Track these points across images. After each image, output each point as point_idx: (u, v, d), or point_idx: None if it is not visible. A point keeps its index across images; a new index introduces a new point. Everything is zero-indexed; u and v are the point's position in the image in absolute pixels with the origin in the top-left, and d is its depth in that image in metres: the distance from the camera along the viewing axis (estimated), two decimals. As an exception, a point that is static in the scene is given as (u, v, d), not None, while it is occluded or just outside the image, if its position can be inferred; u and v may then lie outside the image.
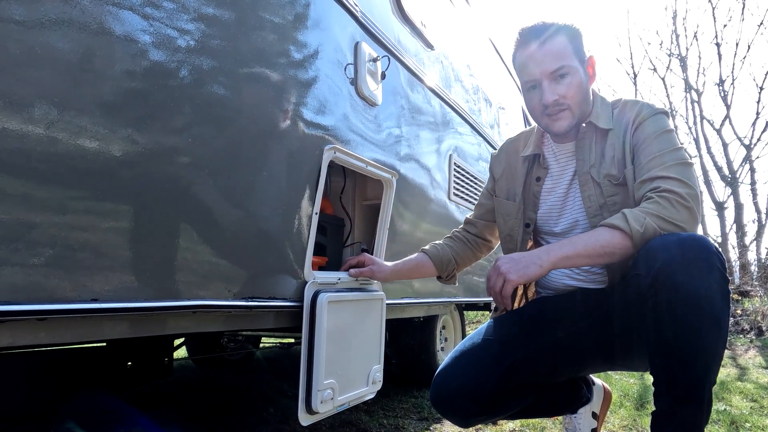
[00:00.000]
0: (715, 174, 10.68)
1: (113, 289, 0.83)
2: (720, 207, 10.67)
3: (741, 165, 10.36)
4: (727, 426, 2.10)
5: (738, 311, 5.90)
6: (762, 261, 9.04)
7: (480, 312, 6.13)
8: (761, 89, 10.23)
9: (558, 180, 1.30)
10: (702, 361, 0.96)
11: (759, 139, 10.17)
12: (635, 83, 12.12)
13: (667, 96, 11.78)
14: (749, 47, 13.46)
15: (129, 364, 1.49)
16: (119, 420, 1.85)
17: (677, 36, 11.30)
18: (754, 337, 5.22)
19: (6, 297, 0.69)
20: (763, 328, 5.42)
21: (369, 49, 1.53)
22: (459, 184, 2.36)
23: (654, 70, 13.49)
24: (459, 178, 2.36)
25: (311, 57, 1.29)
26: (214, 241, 1.03)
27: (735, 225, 10.38)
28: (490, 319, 1.38)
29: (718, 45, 10.58)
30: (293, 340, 3.14)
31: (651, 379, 1.03)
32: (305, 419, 1.27)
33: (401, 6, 1.80)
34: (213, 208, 1.02)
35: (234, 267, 1.09)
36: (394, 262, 1.49)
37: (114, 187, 0.83)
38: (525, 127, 1.89)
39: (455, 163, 2.30)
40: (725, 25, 14.24)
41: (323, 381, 1.27)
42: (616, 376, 3.13)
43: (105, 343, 1.47)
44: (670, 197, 1.05)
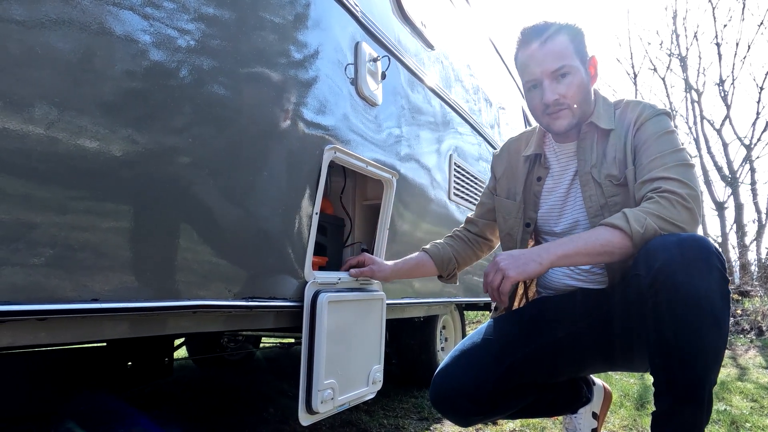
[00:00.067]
0: (715, 174, 10.71)
1: (113, 289, 0.83)
2: (720, 207, 10.67)
3: (741, 165, 10.38)
4: (728, 426, 2.10)
5: (738, 311, 5.90)
6: (762, 261, 9.05)
7: (480, 312, 6.13)
8: (761, 89, 10.25)
9: (559, 180, 1.30)
10: (702, 361, 0.96)
11: (759, 139, 10.19)
12: (635, 83, 12.14)
13: (668, 96, 11.81)
14: (749, 47, 13.51)
15: (129, 364, 1.49)
16: (119, 420, 1.85)
17: (677, 36, 11.31)
18: (754, 337, 5.23)
19: (6, 297, 0.69)
20: (764, 328, 5.42)
21: (369, 49, 1.53)
22: (459, 184, 2.36)
23: (654, 70, 13.52)
24: (459, 178, 2.36)
25: (311, 57, 1.29)
26: (214, 241, 1.03)
27: (735, 225, 10.40)
28: (490, 319, 1.38)
29: (718, 45, 10.60)
30: (293, 340, 3.14)
31: (651, 380, 1.03)
32: (305, 419, 1.27)
33: (401, 6, 1.80)
34: (213, 208, 1.02)
35: (234, 267, 1.09)
36: (394, 261, 1.49)
37: (114, 187, 0.83)
38: (525, 127, 1.89)
39: (455, 163, 2.30)
40: (725, 25, 14.26)
41: (323, 381, 1.27)
42: (616, 376, 3.13)
43: (105, 343, 1.47)
44: (670, 197, 1.05)
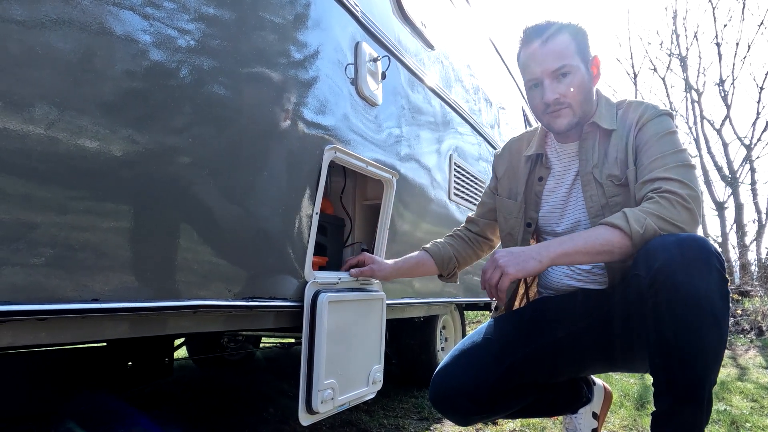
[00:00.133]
0: (715, 174, 10.71)
1: (114, 289, 0.83)
2: (720, 207, 10.67)
3: (741, 165, 10.38)
4: (728, 426, 2.10)
5: (738, 311, 5.90)
6: (762, 261, 9.05)
7: (480, 312, 6.13)
8: (761, 89, 10.25)
9: (560, 180, 1.30)
10: (702, 361, 0.96)
11: (759, 139, 10.20)
12: (635, 83, 12.15)
13: (668, 96, 11.82)
14: (749, 47, 13.51)
15: (129, 364, 1.49)
16: (119, 420, 1.85)
17: (677, 36, 11.32)
18: (754, 337, 5.22)
19: (6, 297, 0.69)
20: (764, 328, 5.42)
21: (369, 49, 1.53)
22: (459, 184, 2.36)
23: (654, 70, 13.54)
24: (459, 178, 2.36)
25: (311, 57, 1.29)
26: (214, 241, 1.03)
27: (735, 225, 10.40)
28: (490, 319, 1.38)
29: (718, 45, 10.60)
30: (293, 340, 3.14)
31: (651, 380, 1.03)
32: (305, 419, 1.27)
33: (401, 6, 1.80)
34: (213, 208, 1.02)
35: (234, 267, 1.09)
36: (394, 260, 1.49)
37: (114, 187, 0.83)
38: (525, 128, 1.89)
39: (455, 163, 2.30)
40: (725, 25, 14.27)
41: (323, 381, 1.27)
42: (616, 376, 3.13)
43: (105, 343, 1.47)
44: (670, 198, 1.05)
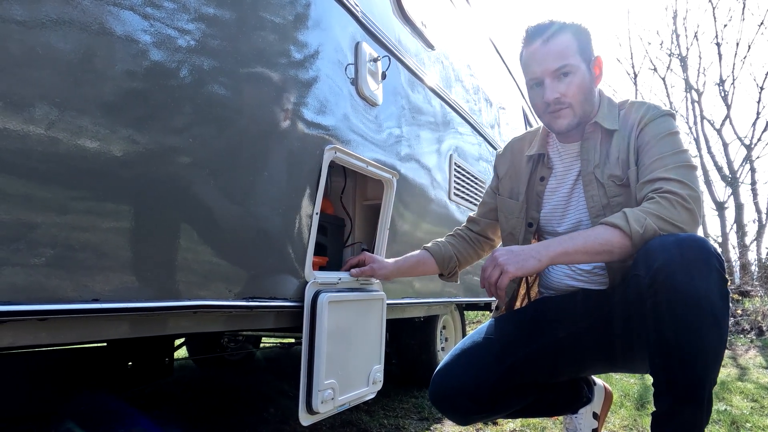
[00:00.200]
0: (716, 174, 10.71)
1: (114, 289, 0.83)
2: (720, 207, 10.67)
3: (741, 165, 10.38)
4: (728, 426, 2.09)
5: (738, 311, 5.90)
6: (762, 261, 9.05)
7: (480, 312, 6.13)
8: (761, 89, 10.25)
9: (562, 180, 1.30)
10: (702, 361, 0.96)
11: (759, 139, 10.20)
12: (635, 83, 12.15)
13: (668, 96, 11.81)
14: (749, 47, 13.53)
15: (129, 364, 1.49)
16: (119, 420, 1.85)
17: (677, 36, 11.32)
18: (754, 337, 5.23)
19: (7, 297, 0.69)
20: (764, 328, 5.42)
21: (369, 49, 1.53)
22: (459, 184, 2.36)
23: (654, 70, 13.51)
24: (459, 178, 2.36)
25: (312, 57, 1.29)
26: (214, 241, 1.03)
27: (735, 225, 10.39)
28: (491, 318, 1.38)
29: (718, 45, 10.60)
30: (293, 340, 3.14)
31: (651, 380, 1.03)
32: (306, 419, 1.27)
33: (402, 6, 1.80)
34: (213, 208, 1.02)
35: (234, 267, 1.09)
36: (395, 259, 1.49)
37: (114, 187, 0.83)
38: (525, 128, 1.89)
39: (456, 163, 2.30)
40: (725, 25, 14.24)
41: (324, 381, 1.27)
42: (616, 376, 3.13)
43: (105, 343, 1.47)
44: (671, 198, 1.05)
